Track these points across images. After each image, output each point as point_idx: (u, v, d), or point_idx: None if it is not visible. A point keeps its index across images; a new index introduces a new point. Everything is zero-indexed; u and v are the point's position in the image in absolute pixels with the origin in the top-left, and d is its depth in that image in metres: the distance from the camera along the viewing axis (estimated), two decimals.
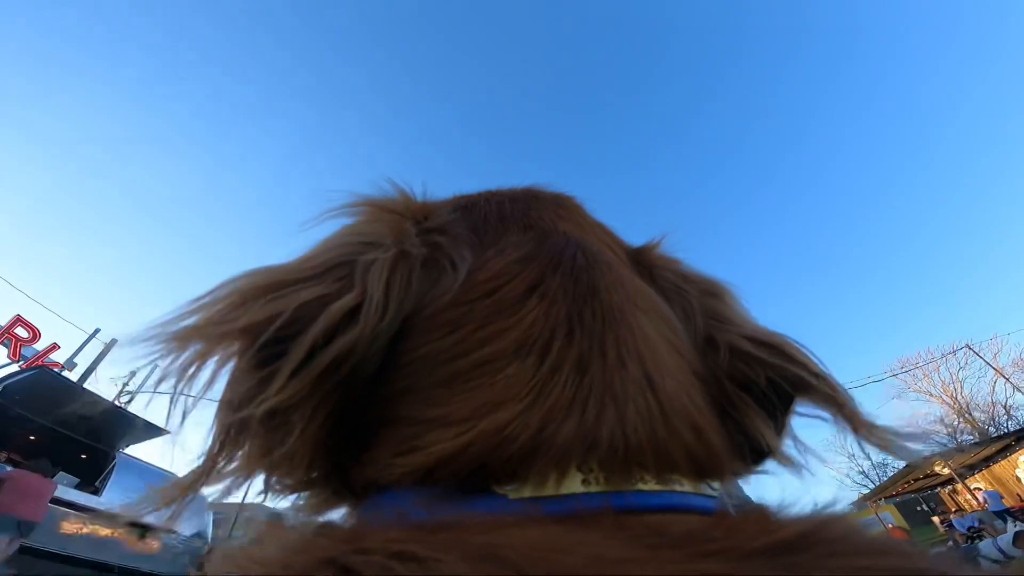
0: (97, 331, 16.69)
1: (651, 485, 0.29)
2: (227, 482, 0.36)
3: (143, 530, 10.16)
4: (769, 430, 0.42)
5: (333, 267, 0.38)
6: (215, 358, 0.35)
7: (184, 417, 0.38)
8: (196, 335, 0.34)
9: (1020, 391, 24.96)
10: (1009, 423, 33.96)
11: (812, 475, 0.43)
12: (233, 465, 0.36)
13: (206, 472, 0.35)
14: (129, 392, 17.52)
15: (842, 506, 0.30)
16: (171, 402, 0.37)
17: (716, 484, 0.33)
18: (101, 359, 15.45)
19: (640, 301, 0.38)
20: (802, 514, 0.28)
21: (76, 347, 15.90)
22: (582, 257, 0.39)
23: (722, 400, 0.42)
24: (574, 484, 0.28)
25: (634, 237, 0.55)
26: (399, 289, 0.38)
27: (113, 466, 10.41)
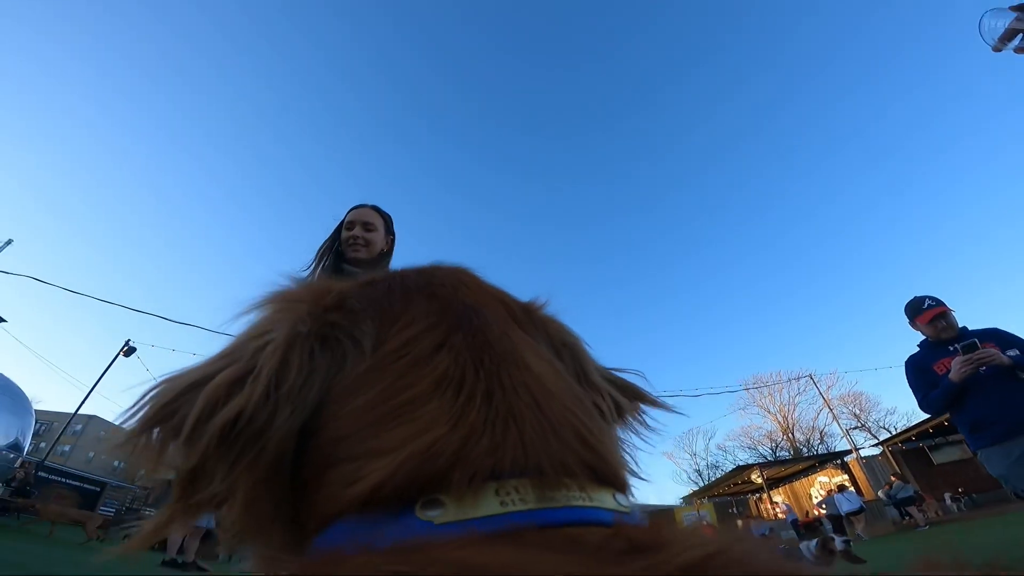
0: None
1: (557, 499, 0.32)
2: (192, 517, 0.41)
3: None
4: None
5: (226, 355, 0.44)
6: (154, 445, 0.41)
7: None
8: (130, 435, 0.40)
9: (837, 422, 28.48)
10: (819, 447, 39.25)
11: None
12: (191, 505, 0.40)
13: (176, 514, 0.41)
14: None
15: (672, 502, 0.35)
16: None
17: (620, 495, 0.36)
18: None
19: (524, 347, 0.45)
20: (697, 534, 0.30)
21: None
22: (477, 319, 0.46)
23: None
24: (491, 501, 0.31)
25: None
26: (298, 362, 0.42)
27: None
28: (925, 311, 3.42)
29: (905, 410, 37.32)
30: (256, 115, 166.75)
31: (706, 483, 38.14)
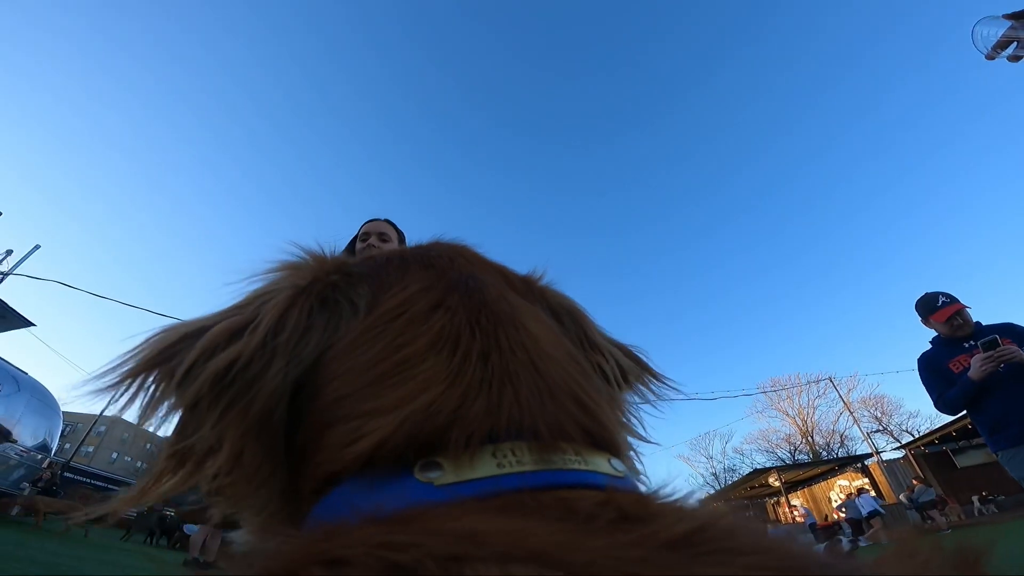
0: None
1: (553, 461, 0.32)
2: (182, 468, 0.42)
3: None
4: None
5: (229, 309, 0.46)
6: (150, 387, 0.42)
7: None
8: (127, 374, 0.42)
9: (858, 425, 27.82)
10: (840, 451, 38.42)
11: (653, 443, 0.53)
12: (180, 451, 0.42)
13: (168, 466, 0.42)
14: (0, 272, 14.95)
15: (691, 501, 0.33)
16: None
17: (615, 459, 0.36)
18: None
19: (521, 309, 0.46)
20: (686, 504, 0.31)
21: None
22: (473, 281, 0.47)
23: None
24: (487, 462, 0.31)
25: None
26: (296, 317, 0.44)
27: None
28: (940, 309, 3.24)
29: (928, 413, 36.48)
30: (268, 123, 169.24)
31: (722, 487, 37.66)
